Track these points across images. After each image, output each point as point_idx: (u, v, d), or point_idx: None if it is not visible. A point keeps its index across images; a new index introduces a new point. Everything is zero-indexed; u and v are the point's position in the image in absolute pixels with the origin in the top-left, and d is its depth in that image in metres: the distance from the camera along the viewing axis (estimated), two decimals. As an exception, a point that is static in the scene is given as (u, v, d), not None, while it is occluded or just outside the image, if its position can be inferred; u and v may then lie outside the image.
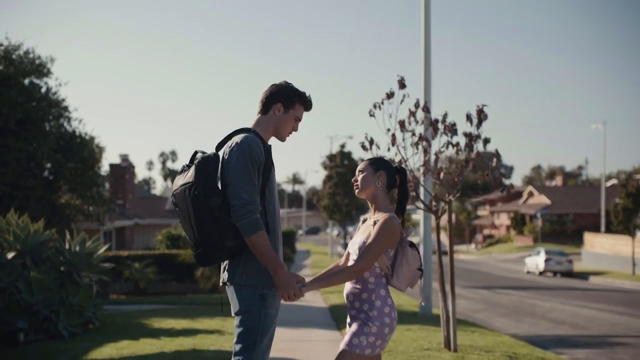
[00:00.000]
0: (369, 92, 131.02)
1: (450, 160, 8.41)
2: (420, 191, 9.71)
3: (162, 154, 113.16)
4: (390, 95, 7.26)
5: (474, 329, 10.17)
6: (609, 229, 40.86)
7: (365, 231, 3.39)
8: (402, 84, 7.26)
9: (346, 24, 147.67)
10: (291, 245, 42.29)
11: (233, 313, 3.26)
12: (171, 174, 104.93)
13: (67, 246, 10.23)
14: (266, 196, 3.24)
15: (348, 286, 3.38)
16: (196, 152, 3.25)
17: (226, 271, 3.27)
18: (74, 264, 10.02)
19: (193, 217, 3.13)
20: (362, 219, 3.57)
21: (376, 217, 3.37)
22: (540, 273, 31.76)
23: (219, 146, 3.33)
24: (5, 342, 8.45)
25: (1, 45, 16.09)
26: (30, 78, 16.31)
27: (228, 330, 9.10)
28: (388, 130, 7.24)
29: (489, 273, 31.97)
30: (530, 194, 59.14)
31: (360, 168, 3.48)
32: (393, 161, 7.20)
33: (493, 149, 7.12)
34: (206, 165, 3.14)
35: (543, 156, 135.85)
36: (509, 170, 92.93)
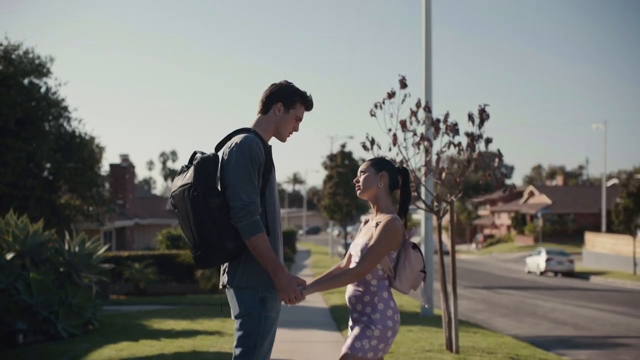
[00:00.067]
0: (370, 92, 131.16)
1: (452, 160, 8.36)
2: (421, 191, 9.66)
3: (163, 154, 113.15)
4: (391, 94, 7.21)
5: (476, 330, 10.12)
6: (610, 229, 40.81)
7: (367, 233, 3.34)
8: (404, 84, 7.22)
9: (346, 24, 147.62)
10: (292, 245, 42.26)
11: (233, 316, 3.21)
12: (171, 174, 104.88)
13: (67, 247, 10.19)
14: (266, 197, 3.19)
15: (350, 289, 3.33)
16: (195, 153, 3.20)
17: (226, 273, 3.21)
18: (74, 265, 9.97)
19: (192, 219, 3.07)
20: (364, 220, 3.52)
21: (378, 219, 3.31)
22: (541, 273, 31.70)
23: (219, 146, 3.28)
24: (4, 343, 8.41)
25: (1, 45, 16.05)
26: (29, 78, 16.26)
27: (228, 331, 9.05)
28: (389, 130, 7.19)
29: (490, 273, 31.92)
30: (530, 194, 59.11)
31: (362, 169, 3.43)
32: (394, 161, 7.15)
33: (494, 149, 7.08)
34: (205, 166, 3.09)
35: (543, 156, 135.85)
36: (510, 170, 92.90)
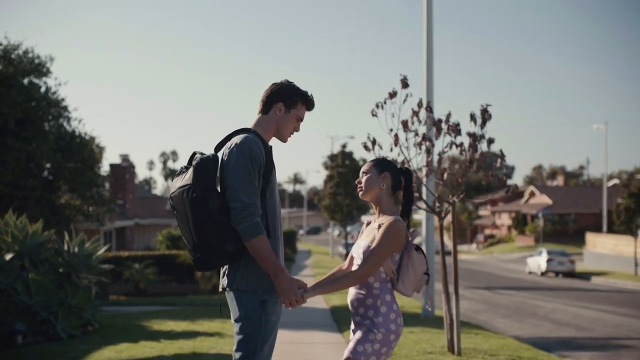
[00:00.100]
0: (370, 92, 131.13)
1: (454, 160, 8.31)
2: (422, 192, 9.61)
3: (163, 154, 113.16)
4: (392, 94, 7.16)
5: (477, 331, 10.06)
6: (611, 229, 40.76)
7: (369, 234, 3.28)
8: (405, 83, 7.16)
9: (346, 24, 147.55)
10: (292, 245, 42.21)
11: (233, 320, 3.16)
12: (172, 174, 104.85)
13: (66, 247, 10.13)
14: (267, 198, 3.13)
15: (352, 292, 3.27)
16: (194, 153, 3.15)
17: (225, 276, 3.16)
18: (73, 265, 9.92)
19: (191, 220, 3.02)
20: (366, 222, 3.46)
21: (381, 221, 3.25)
22: (542, 273, 31.65)
23: (218, 147, 3.22)
24: (3, 344, 8.38)
25: (0, 44, 15.99)
26: (29, 78, 16.20)
27: (228, 332, 8.99)
28: (391, 130, 7.13)
29: (491, 273, 31.87)
30: (531, 194, 59.06)
31: (364, 169, 3.36)
32: (396, 161, 7.09)
33: (496, 149, 7.03)
34: (205, 166, 3.03)
35: (544, 156, 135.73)
36: (510, 170, 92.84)
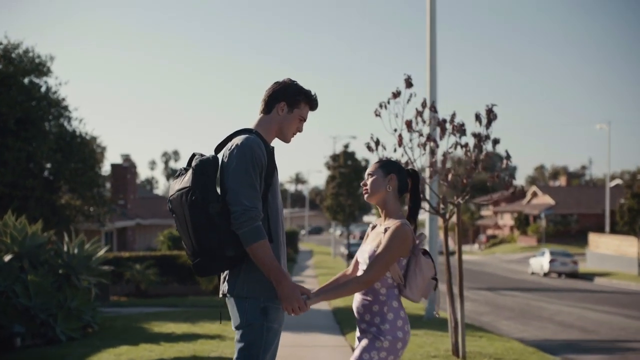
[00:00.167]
0: (372, 92, 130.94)
1: (458, 161, 8.20)
2: (426, 193, 9.49)
3: (165, 154, 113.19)
4: (396, 94, 7.05)
5: (482, 334, 9.94)
6: (614, 230, 40.61)
7: (375, 238, 3.16)
8: (409, 83, 7.05)
9: (349, 24, 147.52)
10: (294, 245, 42.12)
11: (234, 327, 3.05)
12: (173, 174, 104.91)
13: (66, 248, 10.02)
14: (269, 202, 3.01)
15: (357, 298, 3.16)
16: (194, 155, 3.03)
17: (226, 282, 3.04)
18: (73, 267, 9.81)
19: (190, 225, 2.90)
20: (372, 225, 3.34)
21: (387, 224, 3.13)
22: (544, 274, 31.51)
23: (219, 148, 3.10)
24: (1, 347, 8.29)
25: (0, 44, 15.90)
26: (29, 77, 16.10)
27: (229, 335, 8.88)
28: (395, 130, 7.02)
29: (493, 274, 31.73)
30: (534, 194, 58.90)
31: (369, 171, 3.24)
32: (399, 162, 6.97)
33: (500, 150, 6.90)
34: (204, 168, 2.91)
35: (546, 156, 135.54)
36: (512, 170, 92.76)
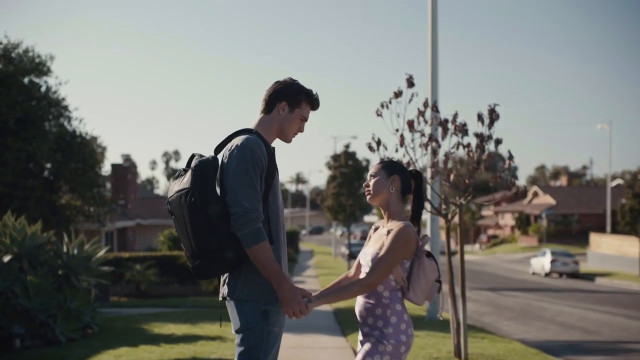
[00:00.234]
0: (373, 92, 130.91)
1: (461, 161, 8.15)
2: (428, 193, 9.44)
3: (166, 154, 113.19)
4: (398, 94, 6.99)
5: (484, 335, 9.88)
6: (615, 230, 40.54)
7: (378, 240, 3.10)
8: (411, 83, 7.00)
9: (350, 23, 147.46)
10: (295, 245, 42.09)
11: (234, 331, 2.99)
12: (174, 174, 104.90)
13: (65, 249, 9.97)
14: (269, 203, 2.96)
15: (360, 301, 3.10)
16: (193, 155, 2.98)
17: (226, 285, 2.99)
18: (72, 268, 9.75)
19: (190, 226, 2.85)
20: (374, 227, 3.28)
21: (390, 226, 3.07)
22: (546, 274, 31.45)
23: (218, 149, 3.04)
24: (1, 348, 8.25)
25: (0, 43, 15.85)
26: (29, 77, 16.05)
27: (230, 336, 8.83)
28: (397, 130, 6.97)
29: (494, 274, 31.67)
30: (534, 194, 58.84)
31: (372, 172, 3.18)
32: (401, 162, 6.92)
33: (502, 150, 6.86)
34: (204, 170, 2.85)
35: (547, 156, 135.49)
36: (514, 170, 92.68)
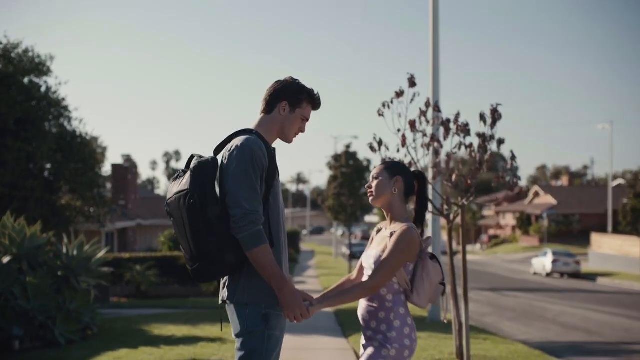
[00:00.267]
0: (374, 92, 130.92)
1: (463, 161, 8.09)
2: (430, 194, 9.38)
3: (166, 154, 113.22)
4: (400, 93, 6.92)
5: (486, 336, 9.82)
6: (616, 230, 40.47)
7: (381, 243, 3.04)
8: (412, 82, 6.93)
9: (351, 23, 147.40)
10: (295, 245, 42.04)
11: (234, 335, 2.94)
12: (174, 175, 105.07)
13: (65, 250, 9.92)
14: (270, 205, 2.90)
15: (363, 304, 3.04)
16: (192, 156, 2.92)
17: (226, 288, 2.93)
18: (72, 269, 9.70)
19: (189, 229, 2.79)
20: (377, 229, 3.22)
21: (393, 228, 3.01)
22: (547, 274, 31.38)
23: (218, 149, 2.98)
24: (0, 350, 8.19)
25: (0, 43, 15.80)
26: (29, 77, 16.00)
27: (230, 338, 8.77)
28: (398, 130, 6.90)
29: (495, 274, 31.61)
30: (536, 194, 58.76)
31: (374, 173, 3.12)
32: (402, 162, 6.85)
33: (505, 150, 6.80)
34: (203, 171, 2.80)
35: (548, 156, 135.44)
36: (515, 170, 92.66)
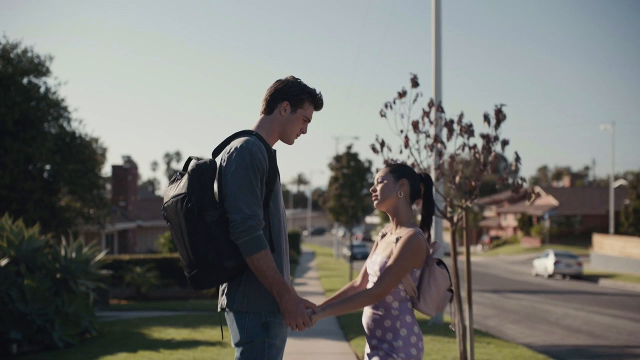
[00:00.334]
0: (375, 93, 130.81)
1: (466, 163, 7.97)
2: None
3: (167, 155, 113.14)
4: (402, 94, 6.81)
5: (489, 340, 9.70)
6: (618, 231, 40.32)
7: (386, 248, 2.93)
8: (415, 82, 6.82)
9: (353, 24, 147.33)
10: (296, 246, 41.94)
11: (233, 344, 2.83)
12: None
13: (63, 252, 9.81)
14: (270, 209, 2.79)
15: (368, 312, 2.93)
16: (190, 159, 2.81)
17: (225, 295, 2.82)
18: (70, 271, 9.60)
19: (186, 234, 2.68)
20: (381, 234, 3.11)
21: (399, 233, 2.90)
22: (549, 276, 31.24)
23: (216, 151, 2.88)
24: (-4, 354, 8.10)
25: (-1, 43, 15.72)
26: (28, 77, 15.91)
27: (230, 341, 8.67)
28: (401, 131, 6.79)
29: (497, 275, 31.48)
30: (537, 195, 58.57)
31: (379, 176, 3.01)
32: (405, 164, 6.74)
33: (508, 151, 6.68)
34: (201, 174, 2.69)
35: (549, 157, 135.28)
36: (518, 171, 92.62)
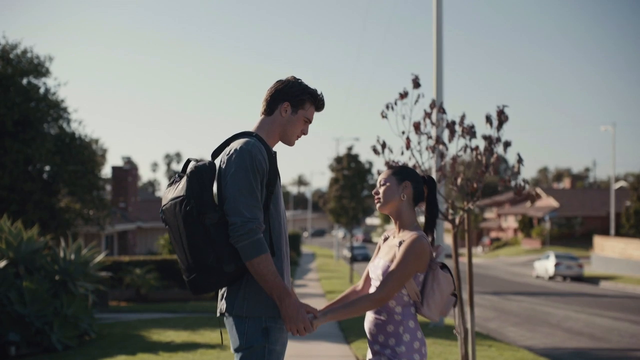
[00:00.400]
0: (375, 94, 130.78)
1: (468, 164, 7.92)
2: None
3: (167, 156, 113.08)
4: (404, 95, 6.76)
5: (490, 343, 9.64)
6: (619, 232, 40.25)
7: (389, 252, 2.87)
8: (417, 83, 6.76)
9: (353, 24, 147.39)
10: (296, 247, 41.88)
11: (232, 349, 2.78)
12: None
13: (62, 254, 9.76)
14: (270, 212, 2.73)
15: (370, 317, 2.87)
16: (189, 160, 2.76)
17: (224, 300, 2.76)
18: (69, 273, 9.55)
19: (185, 237, 2.63)
20: (384, 237, 3.05)
21: (401, 237, 2.84)
22: (550, 278, 31.18)
23: (216, 153, 2.82)
24: (-5, 356, 8.05)
25: (-1, 44, 15.68)
26: (28, 78, 15.86)
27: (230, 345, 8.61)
28: (403, 132, 6.74)
29: (497, 277, 31.41)
30: (537, 197, 58.53)
31: (381, 179, 2.95)
32: (406, 165, 6.68)
33: (510, 153, 6.64)
34: (200, 176, 2.63)
35: (549, 158, 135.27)
36: (520, 173, 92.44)
